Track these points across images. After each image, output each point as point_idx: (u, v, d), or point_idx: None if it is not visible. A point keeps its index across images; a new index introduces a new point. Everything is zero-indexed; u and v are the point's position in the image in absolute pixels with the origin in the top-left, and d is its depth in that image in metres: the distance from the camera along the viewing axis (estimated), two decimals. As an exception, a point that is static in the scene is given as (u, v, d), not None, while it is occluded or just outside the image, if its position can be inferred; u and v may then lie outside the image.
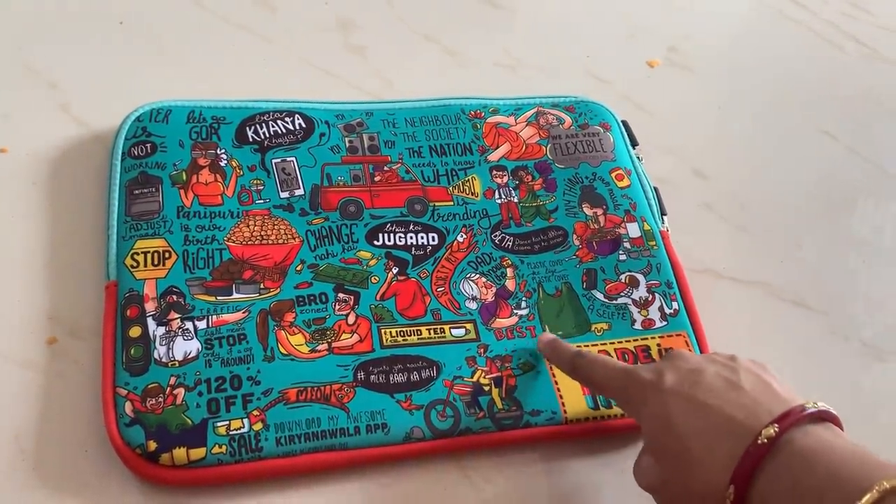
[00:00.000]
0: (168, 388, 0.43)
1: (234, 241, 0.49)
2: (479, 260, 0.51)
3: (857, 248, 0.58)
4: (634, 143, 0.57)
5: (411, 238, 0.51)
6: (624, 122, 0.58)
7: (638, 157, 0.57)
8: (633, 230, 0.53)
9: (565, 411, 0.45)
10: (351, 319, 0.47)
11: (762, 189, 0.60)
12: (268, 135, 0.53)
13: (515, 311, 0.49)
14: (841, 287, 0.56)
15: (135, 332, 0.45)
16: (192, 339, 0.45)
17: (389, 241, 0.51)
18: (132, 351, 0.44)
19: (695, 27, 0.70)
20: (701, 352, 0.49)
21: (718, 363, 0.39)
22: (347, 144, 0.54)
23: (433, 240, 0.51)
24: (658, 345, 0.49)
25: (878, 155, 0.64)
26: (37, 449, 0.43)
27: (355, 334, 0.47)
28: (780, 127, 0.64)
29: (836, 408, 0.48)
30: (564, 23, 0.68)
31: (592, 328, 0.49)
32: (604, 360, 0.43)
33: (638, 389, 0.39)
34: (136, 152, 0.51)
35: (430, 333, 0.48)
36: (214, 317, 0.46)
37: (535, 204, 0.54)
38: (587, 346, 0.48)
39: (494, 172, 0.54)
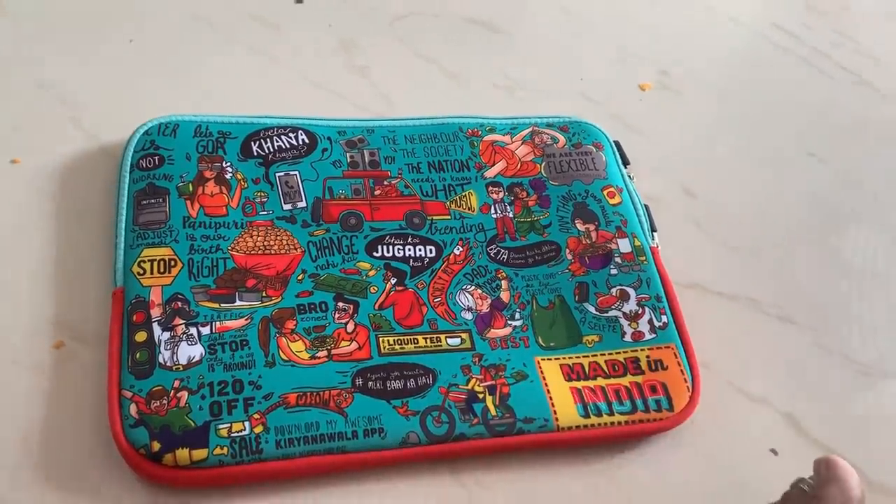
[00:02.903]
0: (172, 391, 0.44)
1: (237, 251, 0.51)
2: (475, 272, 0.53)
3: (840, 267, 0.60)
4: (626, 163, 0.59)
5: (409, 250, 0.53)
6: (616, 142, 0.60)
7: (629, 176, 0.59)
8: (625, 245, 0.54)
9: (557, 419, 0.47)
10: (350, 328, 0.49)
11: (749, 208, 0.62)
12: (272, 149, 0.55)
13: (510, 322, 0.51)
14: (826, 304, 0.57)
15: (140, 336, 0.46)
16: (196, 344, 0.46)
17: (388, 252, 0.52)
18: (138, 355, 0.46)
19: (685, 52, 0.72)
20: (689, 364, 0.50)
21: None
22: (349, 159, 0.56)
23: (431, 252, 0.53)
24: (647, 356, 0.50)
25: (862, 177, 0.66)
26: (43, 449, 0.44)
27: (354, 342, 0.48)
28: (768, 149, 0.66)
29: (824, 426, 0.50)
30: (559, 47, 0.70)
31: (584, 340, 0.51)
32: None
33: None
34: (144, 164, 0.53)
35: (426, 342, 0.49)
36: (218, 323, 0.47)
37: (529, 219, 0.55)
38: (578, 357, 0.50)
39: (490, 188, 0.56)
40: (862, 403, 0.53)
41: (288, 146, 0.55)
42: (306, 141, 0.56)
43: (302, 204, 0.53)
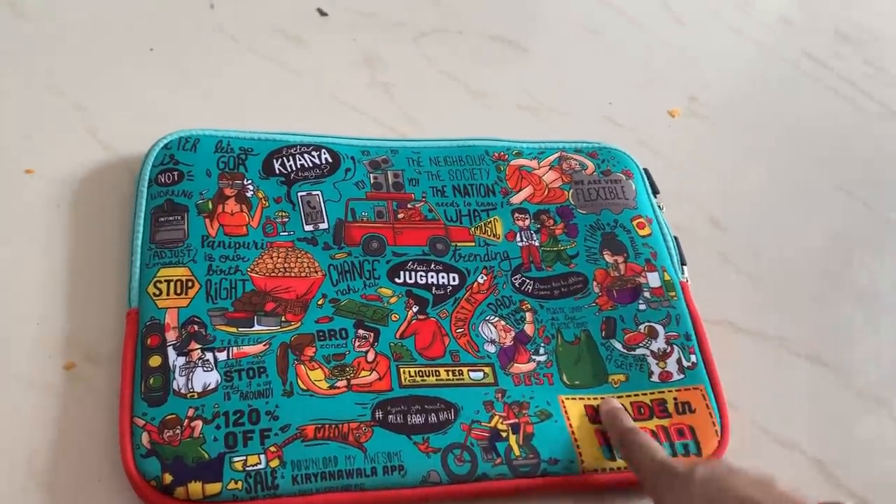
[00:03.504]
0: (186, 420, 0.43)
1: (257, 273, 0.49)
2: (499, 303, 0.51)
3: (872, 304, 0.58)
4: (656, 192, 0.58)
5: (432, 277, 0.51)
6: (646, 171, 0.59)
7: (659, 206, 0.57)
8: (654, 280, 0.53)
9: (582, 461, 0.45)
10: (370, 357, 0.47)
11: (778, 241, 0.61)
12: (294, 168, 0.54)
13: (533, 357, 0.49)
14: (856, 343, 0.56)
15: (154, 361, 0.45)
16: (211, 370, 0.45)
17: (410, 279, 0.51)
18: (151, 381, 0.44)
19: (714, 79, 0.71)
20: (718, 406, 0.49)
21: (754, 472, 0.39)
22: (372, 181, 0.54)
23: (454, 280, 0.51)
24: (675, 398, 0.48)
25: (893, 211, 0.64)
26: (50, 474, 0.42)
27: (374, 372, 0.47)
28: (796, 180, 0.65)
29: (855, 474, 0.49)
30: (587, 69, 0.69)
31: (610, 379, 0.49)
32: (648, 445, 0.43)
33: (667, 478, 0.40)
34: (162, 179, 0.51)
35: (448, 375, 0.47)
36: (235, 348, 0.46)
37: (556, 248, 0.54)
38: (604, 398, 0.48)
39: (516, 215, 0.55)
40: (892, 445, 0.51)
41: (311, 165, 0.54)
42: (329, 160, 0.54)
43: (324, 225, 0.52)
